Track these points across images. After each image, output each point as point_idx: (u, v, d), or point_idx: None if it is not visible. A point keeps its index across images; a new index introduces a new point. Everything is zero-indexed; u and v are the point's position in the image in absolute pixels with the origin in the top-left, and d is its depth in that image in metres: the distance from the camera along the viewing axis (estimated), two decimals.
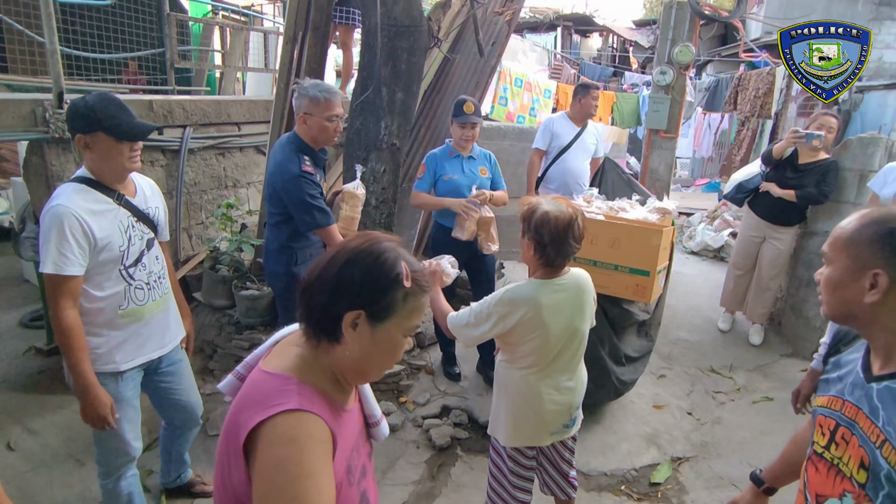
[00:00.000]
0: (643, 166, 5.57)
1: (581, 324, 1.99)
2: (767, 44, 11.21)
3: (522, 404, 2.00)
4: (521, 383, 1.99)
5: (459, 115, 3.15)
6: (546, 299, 1.87)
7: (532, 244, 1.86)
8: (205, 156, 4.05)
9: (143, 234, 2.01)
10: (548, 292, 1.89)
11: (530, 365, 1.96)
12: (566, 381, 2.02)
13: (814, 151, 3.85)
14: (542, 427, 2.02)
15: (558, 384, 1.99)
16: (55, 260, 1.75)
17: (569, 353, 1.99)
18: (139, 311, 2.01)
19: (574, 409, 2.08)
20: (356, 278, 0.97)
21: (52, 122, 2.93)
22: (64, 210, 1.77)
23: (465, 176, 3.24)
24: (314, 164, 2.54)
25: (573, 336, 1.97)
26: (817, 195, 3.85)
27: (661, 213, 3.18)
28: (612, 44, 17.65)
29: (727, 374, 3.97)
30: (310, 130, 2.50)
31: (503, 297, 1.88)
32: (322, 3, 3.44)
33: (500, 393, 2.06)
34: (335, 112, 2.48)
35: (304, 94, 2.46)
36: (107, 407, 1.89)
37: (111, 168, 1.88)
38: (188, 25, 6.05)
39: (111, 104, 1.83)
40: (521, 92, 7.08)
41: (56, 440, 2.93)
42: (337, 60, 8.34)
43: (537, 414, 1.99)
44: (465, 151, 3.27)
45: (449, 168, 3.23)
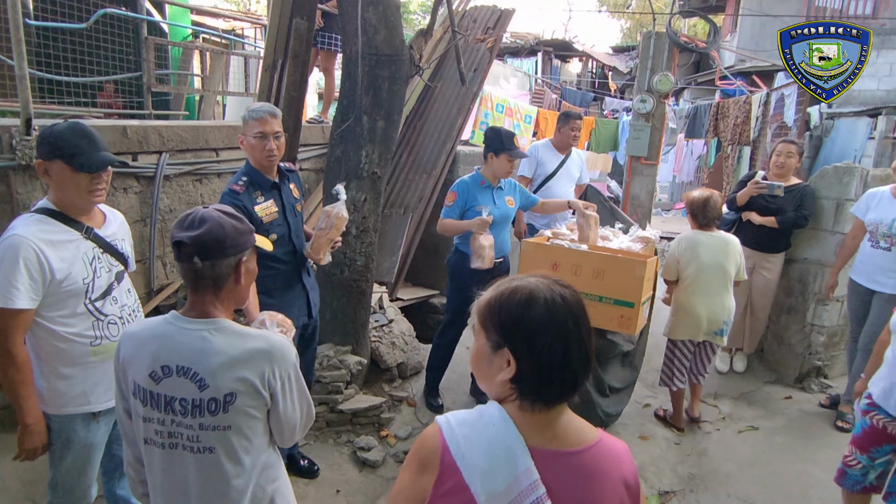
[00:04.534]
0: (625, 193, 5.62)
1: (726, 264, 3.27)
2: (741, 71, 11.56)
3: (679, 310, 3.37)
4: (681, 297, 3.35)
5: (512, 148, 3.12)
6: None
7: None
8: (181, 182, 3.96)
9: (111, 266, 1.92)
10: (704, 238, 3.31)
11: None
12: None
13: (784, 175, 3.92)
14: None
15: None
16: (5, 292, 1.67)
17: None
18: (113, 347, 1.90)
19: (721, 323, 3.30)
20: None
21: (19, 148, 2.83)
22: (20, 240, 1.69)
23: (497, 208, 3.21)
24: (259, 188, 2.47)
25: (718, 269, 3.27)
26: (797, 218, 3.90)
27: (643, 241, 3.17)
28: (592, 69, 18.03)
29: (712, 402, 3.94)
30: (248, 152, 2.47)
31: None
32: (302, 31, 3.42)
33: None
34: (260, 129, 2.40)
35: (243, 117, 2.47)
36: (44, 443, 1.85)
37: (70, 199, 1.81)
38: (167, 49, 5.98)
39: (77, 134, 1.77)
40: (503, 117, 7.13)
41: (15, 483, 2.77)
42: (319, 84, 8.34)
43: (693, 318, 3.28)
44: (496, 182, 3.25)
45: (481, 199, 3.18)
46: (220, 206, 1.44)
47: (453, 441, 0.96)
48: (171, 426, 1.37)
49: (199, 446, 1.36)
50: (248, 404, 1.36)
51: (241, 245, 1.39)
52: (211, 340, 1.34)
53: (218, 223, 1.33)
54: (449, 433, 0.97)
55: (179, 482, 1.40)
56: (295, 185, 2.68)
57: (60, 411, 1.86)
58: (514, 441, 0.96)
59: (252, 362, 1.34)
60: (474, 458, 0.94)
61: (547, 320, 0.97)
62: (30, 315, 1.74)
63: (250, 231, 1.44)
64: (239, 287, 1.43)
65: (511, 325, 0.99)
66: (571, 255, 2.85)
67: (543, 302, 0.98)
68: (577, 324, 0.98)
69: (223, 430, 1.36)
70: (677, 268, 3.37)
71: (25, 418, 1.78)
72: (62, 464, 1.92)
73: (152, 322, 1.42)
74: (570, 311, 0.98)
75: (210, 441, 1.36)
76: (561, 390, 1.00)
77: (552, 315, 0.97)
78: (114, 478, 2.21)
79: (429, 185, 4.86)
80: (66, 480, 1.93)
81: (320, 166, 4.96)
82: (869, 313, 3.52)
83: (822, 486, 3.03)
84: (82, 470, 1.94)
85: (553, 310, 0.97)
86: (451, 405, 3.49)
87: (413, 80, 4.57)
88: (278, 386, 1.38)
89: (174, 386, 1.34)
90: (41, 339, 1.81)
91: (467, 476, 0.93)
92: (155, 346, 1.36)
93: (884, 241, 3.41)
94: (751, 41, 12.23)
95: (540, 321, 0.97)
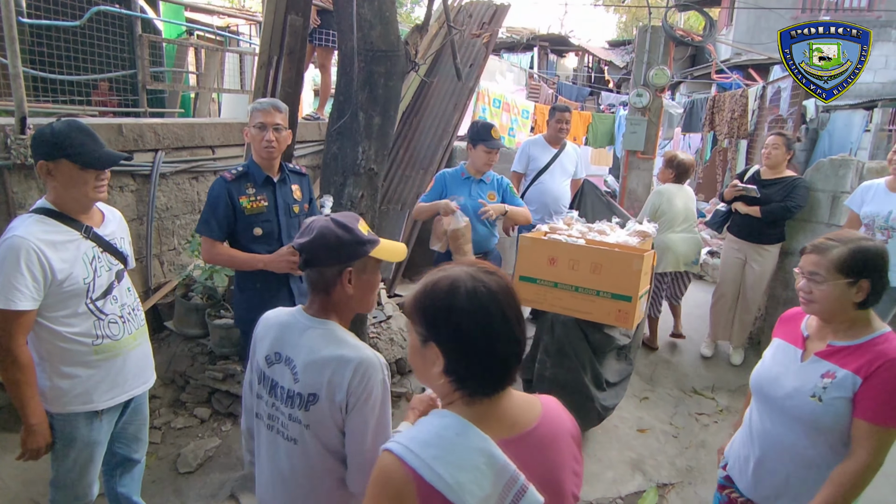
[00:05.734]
0: (622, 187, 5.62)
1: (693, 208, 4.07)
2: (737, 65, 11.56)
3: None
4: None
5: (488, 139, 3.14)
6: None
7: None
8: (177, 180, 3.95)
9: (111, 265, 1.93)
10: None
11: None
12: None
13: (775, 167, 3.93)
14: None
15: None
16: (6, 294, 1.67)
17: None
18: (115, 346, 1.93)
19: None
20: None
21: (14, 148, 2.82)
22: (20, 241, 1.69)
23: (471, 199, 3.22)
24: (253, 180, 2.49)
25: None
26: (782, 210, 3.88)
27: (640, 236, 3.18)
28: (588, 63, 17.99)
29: (709, 395, 3.96)
30: (251, 144, 2.49)
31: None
32: (297, 28, 3.40)
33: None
34: (261, 120, 2.45)
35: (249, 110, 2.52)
36: (48, 442, 1.86)
37: (74, 197, 1.81)
38: (162, 46, 5.95)
39: (78, 131, 1.77)
40: (500, 112, 7.12)
41: (15, 483, 2.77)
42: (315, 80, 8.30)
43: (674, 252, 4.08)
44: (479, 175, 3.25)
45: (456, 190, 3.23)
46: (338, 215, 1.43)
47: (423, 468, 0.92)
48: (272, 409, 1.45)
49: (287, 434, 1.42)
50: (324, 410, 1.36)
51: (345, 255, 1.39)
52: (312, 338, 1.40)
53: (321, 234, 1.37)
54: (415, 461, 0.93)
55: (275, 461, 1.47)
56: (299, 187, 2.67)
57: (63, 410, 1.86)
58: (483, 442, 0.95)
59: (338, 370, 1.34)
60: (455, 476, 0.91)
61: (468, 308, 0.96)
62: (32, 316, 1.75)
63: (361, 243, 1.41)
64: (351, 296, 1.42)
65: (434, 316, 0.99)
66: (569, 249, 2.85)
67: (464, 291, 0.97)
68: (501, 310, 0.97)
69: (304, 427, 1.39)
70: (655, 215, 4.08)
71: (29, 418, 1.79)
72: (64, 462, 1.92)
73: (283, 310, 1.52)
74: (493, 298, 0.97)
75: (294, 432, 1.41)
76: (495, 378, 1.00)
77: (473, 303, 0.96)
78: (114, 476, 2.22)
79: (426, 181, 4.86)
80: (68, 478, 1.94)
81: (317, 163, 4.95)
82: None
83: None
84: (84, 468, 1.95)
85: (475, 298, 0.96)
86: None
87: (409, 75, 4.55)
88: (353, 401, 1.34)
89: (279, 372, 1.42)
90: (43, 339, 1.82)
91: (452, 495, 0.90)
92: (276, 333, 1.46)
93: (881, 234, 3.42)
94: (746, 34, 12.23)
95: (461, 309, 0.96)
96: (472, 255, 3.11)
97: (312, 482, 1.43)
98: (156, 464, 2.94)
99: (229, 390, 3.29)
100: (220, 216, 2.41)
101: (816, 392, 1.59)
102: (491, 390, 1.00)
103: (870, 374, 1.51)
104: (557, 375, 3.04)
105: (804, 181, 3.98)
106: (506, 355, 0.99)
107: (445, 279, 1.00)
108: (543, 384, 3.10)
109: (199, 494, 2.76)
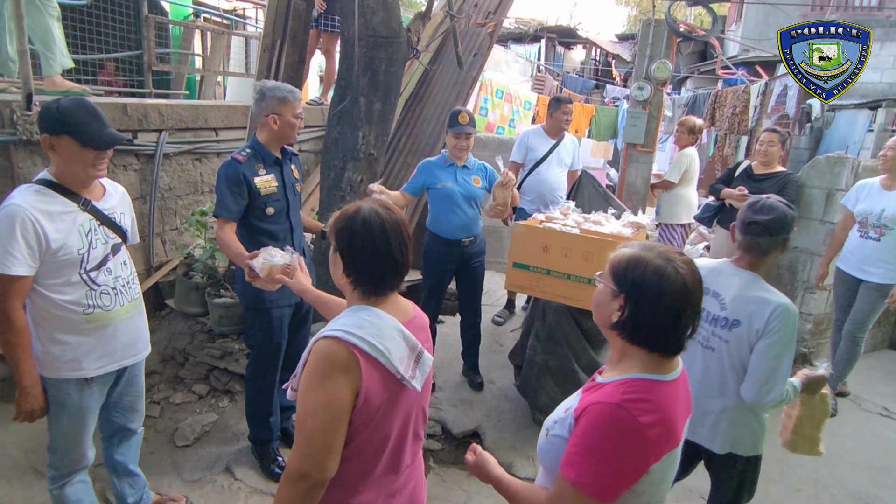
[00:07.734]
0: (620, 179, 5.64)
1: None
2: (744, 61, 11.50)
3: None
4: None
5: (454, 125, 3.18)
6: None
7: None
8: (181, 161, 4.00)
9: (108, 238, 1.98)
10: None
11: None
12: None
13: (769, 163, 3.95)
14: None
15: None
16: (2, 259, 1.73)
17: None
18: (106, 317, 1.98)
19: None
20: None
21: (20, 123, 2.87)
22: (16, 210, 1.75)
23: (459, 184, 3.28)
24: (262, 161, 2.53)
25: None
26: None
27: (635, 227, 3.23)
28: (595, 56, 17.92)
29: None
30: (277, 129, 2.50)
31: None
32: (300, 13, 3.44)
33: None
34: (301, 110, 2.55)
35: (271, 95, 2.48)
36: (41, 405, 1.93)
37: (73, 172, 1.87)
38: (168, 28, 5.97)
39: (83, 110, 1.82)
40: (502, 103, 7.13)
41: (17, 451, 2.85)
42: (321, 66, 8.31)
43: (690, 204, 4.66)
44: (460, 161, 3.31)
45: (442, 176, 3.27)
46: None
47: (362, 342, 1.25)
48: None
49: (706, 344, 1.99)
50: (742, 335, 1.90)
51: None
52: (738, 281, 1.96)
53: (784, 212, 1.94)
54: (354, 339, 1.24)
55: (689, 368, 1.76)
56: (295, 166, 2.73)
57: (55, 375, 1.93)
58: (394, 321, 1.33)
59: (755, 304, 1.89)
60: (384, 345, 1.27)
61: (360, 230, 1.32)
62: (27, 282, 1.81)
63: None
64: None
65: (338, 232, 1.36)
66: (562, 237, 2.90)
67: (361, 217, 1.33)
68: (385, 235, 1.32)
69: (724, 342, 1.94)
70: (686, 174, 4.59)
71: (23, 380, 1.86)
72: (58, 426, 2.00)
73: (709, 261, 2.08)
74: (381, 226, 1.33)
75: (714, 343, 1.97)
76: (379, 283, 1.35)
77: (366, 226, 1.32)
78: (112, 443, 2.29)
79: None
80: (63, 443, 2.01)
81: (319, 148, 5.00)
82: (855, 302, 3.59)
83: (800, 468, 3.12)
84: (78, 433, 2.02)
85: (367, 223, 1.32)
86: (444, 384, 3.57)
87: (412, 63, 4.58)
88: (763, 336, 1.85)
89: (708, 302, 1.90)
90: (38, 305, 1.88)
91: (383, 359, 1.26)
92: (710, 278, 1.90)
93: (873, 231, 3.46)
94: (755, 31, 12.17)
95: (355, 230, 1.33)
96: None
97: (713, 389, 2.00)
98: (154, 437, 3.02)
99: (227, 368, 3.36)
100: (237, 198, 2.45)
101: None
102: (379, 291, 1.36)
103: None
104: (548, 361, 3.10)
105: (796, 177, 4.00)
106: (385, 268, 1.34)
107: (353, 208, 1.37)
108: (533, 369, 3.16)
109: (195, 467, 2.84)
